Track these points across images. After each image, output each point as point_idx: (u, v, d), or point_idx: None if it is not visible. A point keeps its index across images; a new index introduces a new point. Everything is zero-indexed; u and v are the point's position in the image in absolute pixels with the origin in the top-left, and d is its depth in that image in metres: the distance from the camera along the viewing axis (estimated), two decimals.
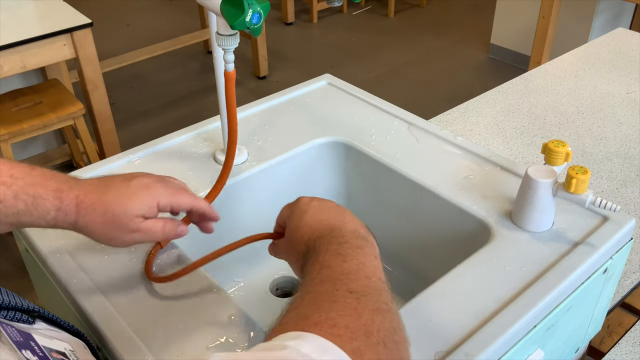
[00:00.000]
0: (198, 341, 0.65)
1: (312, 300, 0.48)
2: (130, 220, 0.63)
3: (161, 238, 0.66)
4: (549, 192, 0.76)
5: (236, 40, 0.72)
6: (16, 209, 0.58)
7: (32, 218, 0.59)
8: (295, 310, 0.48)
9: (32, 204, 0.59)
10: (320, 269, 0.54)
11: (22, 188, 0.59)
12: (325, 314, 0.45)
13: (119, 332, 0.66)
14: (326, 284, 0.51)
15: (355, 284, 0.50)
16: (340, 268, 0.53)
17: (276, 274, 1.00)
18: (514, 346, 0.68)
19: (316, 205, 0.65)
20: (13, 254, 2.23)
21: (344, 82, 1.17)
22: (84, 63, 2.12)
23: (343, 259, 0.54)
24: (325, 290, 0.50)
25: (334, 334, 0.43)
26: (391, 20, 4.37)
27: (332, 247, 0.57)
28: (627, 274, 1.01)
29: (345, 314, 0.46)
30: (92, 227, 0.62)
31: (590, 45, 1.71)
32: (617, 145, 1.30)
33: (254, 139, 1.01)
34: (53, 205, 0.60)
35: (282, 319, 0.48)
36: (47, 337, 0.56)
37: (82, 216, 0.62)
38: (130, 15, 4.37)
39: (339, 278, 0.51)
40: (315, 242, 0.59)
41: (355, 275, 0.52)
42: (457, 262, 0.75)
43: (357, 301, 0.47)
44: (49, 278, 0.77)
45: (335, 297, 0.48)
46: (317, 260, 0.55)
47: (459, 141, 0.98)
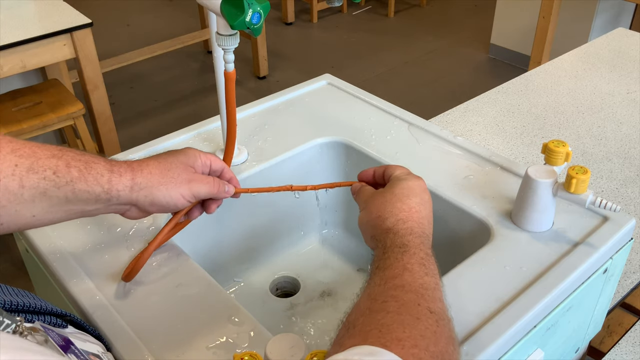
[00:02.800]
0: (198, 341, 0.65)
1: (396, 310, 0.48)
2: (185, 169, 0.66)
3: (214, 189, 0.69)
4: (549, 192, 0.76)
5: (236, 40, 0.72)
6: (70, 177, 0.58)
7: (87, 184, 0.59)
8: (379, 315, 0.47)
9: (85, 168, 0.59)
10: (404, 270, 0.54)
11: (73, 157, 0.59)
12: (409, 331, 0.45)
13: (119, 332, 0.66)
14: (409, 294, 0.50)
15: (433, 304, 0.50)
16: (421, 280, 0.53)
17: (276, 274, 1.00)
18: (514, 346, 0.68)
19: (427, 199, 0.65)
20: (13, 254, 2.23)
21: (344, 82, 1.17)
22: (84, 63, 2.12)
23: (425, 271, 0.55)
24: (410, 301, 0.49)
25: (415, 355, 0.43)
26: (391, 20, 4.37)
27: (419, 253, 0.57)
28: (627, 274, 1.01)
29: (427, 335, 0.45)
30: (149, 179, 0.63)
31: (590, 45, 1.71)
32: (617, 145, 1.30)
33: (254, 139, 1.01)
34: (106, 168, 0.61)
35: (364, 320, 0.47)
36: (81, 340, 0.57)
37: (137, 171, 0.63)
38: (130, 15, 4.37)
39: (419, 291, 0.51)
40: (407, 232, 0.60)
41: (432, 295, 0.52)
42: (457, 262, 0.75)
43: (436, 324, 0.47)
44: (49, 278, 0.77)
45: (418, 314, 0.48)
46: (402, 255, 0.56)
47: (459, 141, 0.98)
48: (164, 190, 0.64)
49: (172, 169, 0.65)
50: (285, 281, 1.00)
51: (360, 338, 0.45)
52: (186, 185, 0.66)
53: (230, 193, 0.73)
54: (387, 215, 0.62)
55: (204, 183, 0.68)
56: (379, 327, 0.45)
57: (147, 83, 3.54)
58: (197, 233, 0.87)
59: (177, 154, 0.68)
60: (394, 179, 0.68)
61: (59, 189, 0.58)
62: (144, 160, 0.65)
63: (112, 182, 0.61)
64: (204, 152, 0.71)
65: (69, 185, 0.58)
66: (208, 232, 0.91)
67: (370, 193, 0.68)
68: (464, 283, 0.72)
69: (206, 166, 0.71)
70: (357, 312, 0.50)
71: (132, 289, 0.71)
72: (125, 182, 0.62)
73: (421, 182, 0.67)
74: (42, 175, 0.56)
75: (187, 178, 0.66)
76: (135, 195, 0.63)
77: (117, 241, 0.78)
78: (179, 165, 0.66)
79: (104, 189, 0.60)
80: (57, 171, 0.57)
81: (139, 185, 0.63)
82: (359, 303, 0.52)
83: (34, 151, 0.57)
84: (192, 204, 0.71)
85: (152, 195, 0.64)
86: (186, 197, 0.67)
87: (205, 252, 0.91)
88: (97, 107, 2.25)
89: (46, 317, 0.56)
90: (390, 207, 0.63)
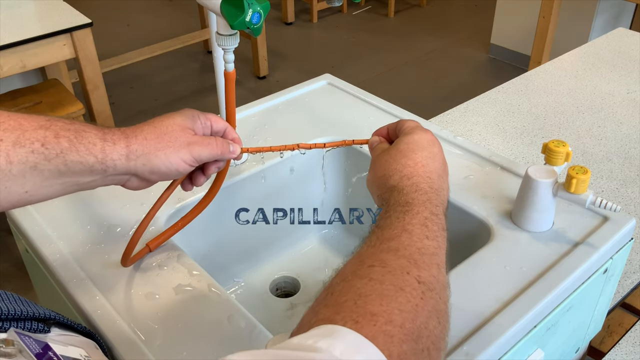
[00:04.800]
0: (198, 341, 0.65)
1: (380, 278, 0.44)
2: (183, 131, 0.61)
3: (218, 150, 0.64)
4: (549, 192, 0.76)
5: (236, 40, 0.72)
6: (60, 148, 0.54)
7: (79, 155, 0.55)
8: (360, 282, 0.44)
9: (75, 138, 0.55)
10: (402, 231, 0.51)
11: (62, 127, 0.56)
12: (386, 304, 0.42)
13: (119, 332, 0.66)
14: (401, 259, 0.47)
15: (426, 272, 0.47)
16: (420, 244, 0.50)
17: (276, 274, 1.00)
18: (514, 346, 0.68)
19: (435, 151, 0.61)
20: (13, 254, 2.23)
21: (344, 82, 1.17)
22: (84, 63, 2.12)
23: (426, 234, 0.51)
24: (398, 268, 0.46)
25: (386, 333, 0.40)
26: (391, 20, 4.37)
27: (424, 212, 0.53)
28: (627, 274, 1.01)
29: (406, 309, 0.42)
30: (145, 145, 0.59)
31: (591, 45, 1.71)
32: (618, 145, 1.30)
33: (254, 139, 1.00)
34: (98, 137, 0.57)
35: (343, 286, 0.44)
36: (63, 344, 0.55)
37: (132, 138, 0.59)
38: (130, 15, 4.37)
39: (414, 257, 0.48)
40: (412, 189, 0.56)
41: (430, 260, 0.49)
42: (457, 262, 0.75)
43: (421, 296, 0.44)
44: (48, 278, 0.77)
45: (403, 284, 0.44)
46: (404, 215, 0.53)
47: (459, 141, 0.98)
48: (163, 156, 0.60)
49: (169, 133, 0.61)
50: (285, 281, 1.00)
51: (332, 310, 0.42)
52: (186, 149, 0.61)
53: (236, 153, 0.67)
54: (392, 172, 0.59)
55: (205, 145, 0.63)
56: (355, 298, 0.42)
57: (147, 83, 3.54)
58: (197, 233, 0.87)
59: (174, 115, 0.63)
60: (402, 134, 0.64)
61: (50, 161, 0.54)
62: (139, 126, 0.61)
63: (106, 151, 0.57)
64: (203, 112, 0.66)
65: (60, 157, 0.55)
66: (208, 232, 0.91)
67: (380, 150, 0.65)
68: (464, 283, 0.72)
69: (207, 127, 0.66)
70: (342, 274, 0.47)
71: (132, 289, 0.71)
72: (119, 150, 0.58)
73: (428, 135, 0.63)
74: (29, 148, 0.53)
75: (186, 141, 0.61)
76: (133, 164, 0.59)
77: (117, 241, 0.78)
78: (175, 128, 0.61)
79: (98, 159, 0.57)
80: (45, 143, 0.54)
81: (135, 152, 0.59)
82: (348, 264, 0.49)
83: (19, 123, 0.54)
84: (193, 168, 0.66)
85: (151, 162, 0.60)
86: (187, 161, 0.62)
87: (205, 252, 0.91)
88: (97, 107, 2.25)
89: (27, 322, 0.54)
90: (394, 164, 0.60)
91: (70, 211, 0.84)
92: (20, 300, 0.56)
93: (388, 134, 0.69)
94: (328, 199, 1.05)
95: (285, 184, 0.99)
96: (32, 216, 0.83)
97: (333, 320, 0.41)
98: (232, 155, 0.67)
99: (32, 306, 0.57)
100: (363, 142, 0.71)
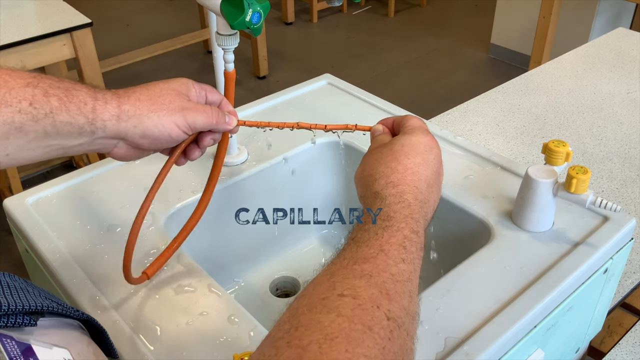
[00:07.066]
0: (198, 341, 0.65)
1: (349, 314, 0.41)
2: (178, 95, 0.59)
3: (213, 119, 0.61)
4: (549, 192, 0.76)
5: (236, 40, 0.72)
6: (49, 107, 0.51)
7: (69, 114, 0.52)
8: (328, 317, 0.41)
9: (65, 96, 0.52)
10: (379, 252, 0.47)
11: (51, 84, 0.52)
12: (352, 349, 0.39)
13: (119, 332, 0.66)
14: (372, 289, 0.44)
15: (397, 304, 0.44)
16: (395, 269, 0.47)
17: (276, 274, 1.00)
18: (515, 346, 0.68)
19: (430, 158, 0.57)
20: (13, 254, 2.23)
21: (344, 82, 1.17)
22: (84, 63, 2.12)
23: (403, 257, 0.48)
24: (369, 300, 0.43)
25: None
26: (391, 20, 4.37)
27: (404, 229, 0.50)
28: (627, 274, 1.01)
29: (372, 355, 0.39)
30: (137, 106, 0.55)
31: (591, 45, 1.71)
32: (618, 145, 1.30)
33: (254, 139, 1.00)
34: (89, 95, 0.53)
35: (309, 320, 0.41)
36: (47, 344, 0.51)
37: (124, 98, 0.55)
38: (130, 15, 4.37)
39: (386, 286, 0.45)
40: (395, 199, 0.53)
41: (402, 288, 0.46)
42: (457, 262, 0.75)
43: (389, 337, 0.41)
44: (48, 278, 0.77)
45: (372, 322, 0.41)
46: (384, 231, 0.49)
47: (459, 141, 0.98)
48: (155, 118, 0.56)
49: (163, 95, 0.58)
50: (285, 281, 1.00)
51: (295, 353, 0.39)
52: (180, 113, 0.58)
53: (232, 124, 0.64)
54: (378, 175, 0.56)
55: (200, 112, 0.60)
56: (320, 341, 0.39)
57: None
58: (197, 233, 0.87)
59: (168, 81, 0.60)
60: (402, 131, 0.61)
61: (37, 122, 0.50)
62: (131, 88, 0.58)
63: (97, 111, 0.53)
64: (198, 83, 0.63)
65: (49, 118, 0.51)
66: (208, 232, 0.91)
67: (378, 143, 0.61)
68: (464, 283, 0.72)
69: (202, 97, 0.63)
70: (310, 299, 0.44)
71: (132, 289, 0.71)
72: (111, 110, 0.54)
73: (427, 139, 0.59)
74: (16, 107, 0.49)
75: (181, 105, 0.58)
76: (124, 126, 0.55)
77: (117, 241, 0.78)
78: (170, 92, 0.59)
79: (88, 119, 0.53)
80: (33, 102, 0.50)
81: (127, 113, 0.55)
82: (317, 285, 0.46)
83: (5, 80, 0.50)
84: (189, 138, 0.62)
85: (142, 124, 0.56)
86: (181, 126, 0.58)
87: (205, 252, 0.91)
88: None
89: (11, 318, 0.49)
90: (383, 166, 0.56)
91: (70, 211, 0.84)
92: (10, 288, 0.52)
93: (392, 126, 0.65)
94: (328, 199, 1.05)
95: (285, 184, 0.99)
96: (32, 216, 0.83)
97: None
98: (228, 127, 0.64)
99: (23, 296, 0.52)
100: (366, 129, 0.68)
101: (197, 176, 0.92)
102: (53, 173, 2.66)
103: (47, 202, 0.86)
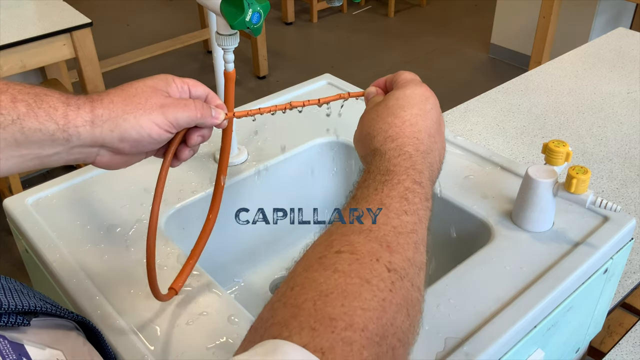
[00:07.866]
0: (198, 341, 0.65)
1: (346, 269, 0.40)
2: (154, 92, 0.55)
3: (197, 113, 0.57)
4: (549, 192, 0.76)
5: (236, 40, 0.72)
6: (16, 113, 0.48)
7: (37, 121, 0.49)
8: (323, 275, 0.40)
9: (34, 102, 0.49)
10: (379, 205, 0.46)
11: (20, 91, 0.50)
12: (349, 303, 0.38)
13: (119, 332, 0.66)
14: (372, 243, 0.43)
15: (399, 256, 0.43)
16: (396, 221, 0.45)
17: (276, 274, 1.00)
18: (515, 346, 0.68)
19: (428, 108, 0.56)
20: (13, 254, 2.23)
21: (344, 82, 1.17)
22: (84, 63, 2.12)
23: (405, 208, 0.47)
24: (368, 254, 0.42)
25: (345, 340, 0.36)
26: (391, 20, 4.37)
27: (405, 181, 0.49)
28: (627, 274, 1.01)
29: (370, 307, 0.38)
30: (111, 109, 0.52)
31: (591, 45, 1.71)
32: (618, 145, 1.30)
33: (254, 139, 1.00)
34: (60, 101, 0.51)
35: (304, 279, 0.40)
36: (40, 345, 0.50)
37: (97, 102, 0.52)
38: (130, 15, 4.37)
39: (386, 238, 0.43)
40: (395, 153, 0.51)
41: (406, 239, 0.44)
42: (457, 262, 0.75)
43: (390, 288, 0.40)
44: (49, 278, 0.76)
45: (371, 275, 0.40)
46: (383, 185, 0.48)
47: (459, 141, 0.98)
48: (132, 119, 0.53)
49: (138, 94, 0.54)
50: None
51: (290, 312, 0.38)
52: (158, 111, 0.54)
53: (219, 118, 0.60)
54: (376, 132, 0.55)
55: (181, 107, 0.56)
56: (315, 298, 0.38)
57: None
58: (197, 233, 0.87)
59: (145, 79, 0.57)
60: (395, 87, 0.59)
61: (5, 129, 0.48)
62: (106, 91, 0.55)
63: (69, 117, 0.50)
64: (179, 77, 0.59)
65: (16, 124, 0.48)
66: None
67: (373, 104, 0.60)
68: (464, 283, 0.72)
69: (184, 91, 0.59)
70: (307, 260, 0.43)
71: (131, 289, 0.71)
72: (84, 115, 0.51)
73: (422, 89, 0.58)
74: None
75: (159, 103, 0.54)
76: (99, 131, 0.52)
77: (117, 241, 0.78)
78: (146, 90, 0.55)
79: (59, 125, 0.50)
80: (0, 108, 0.48)
81: (101, 117, 0.52)
82: (316, 244, 0.45)
83: None
84: (178, 137, 0.58)
85: (119, 127, 0.52)
86: (161, 125, 0.55)
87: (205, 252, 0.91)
88: None
89: (3, 317, 0.48)
90: (380, 122, 0.55)
91: (70, 211, 0.84)
92: (4, 289, 0.52)
93: (385, 85, 0.64)
94: (328, 199, 1.05)
95: (285, 184, 0.99)
96: (32, 216, 0.83)
97: (289, 325, 0.38)
98: (215, 121, 0.60)
99: (17, 297, 0.51)
100: (359, 95, 0.67)
101: (197, 176, 0.92)
102: (53, 173, 2.66)
103: (47, 202, 0.86)
